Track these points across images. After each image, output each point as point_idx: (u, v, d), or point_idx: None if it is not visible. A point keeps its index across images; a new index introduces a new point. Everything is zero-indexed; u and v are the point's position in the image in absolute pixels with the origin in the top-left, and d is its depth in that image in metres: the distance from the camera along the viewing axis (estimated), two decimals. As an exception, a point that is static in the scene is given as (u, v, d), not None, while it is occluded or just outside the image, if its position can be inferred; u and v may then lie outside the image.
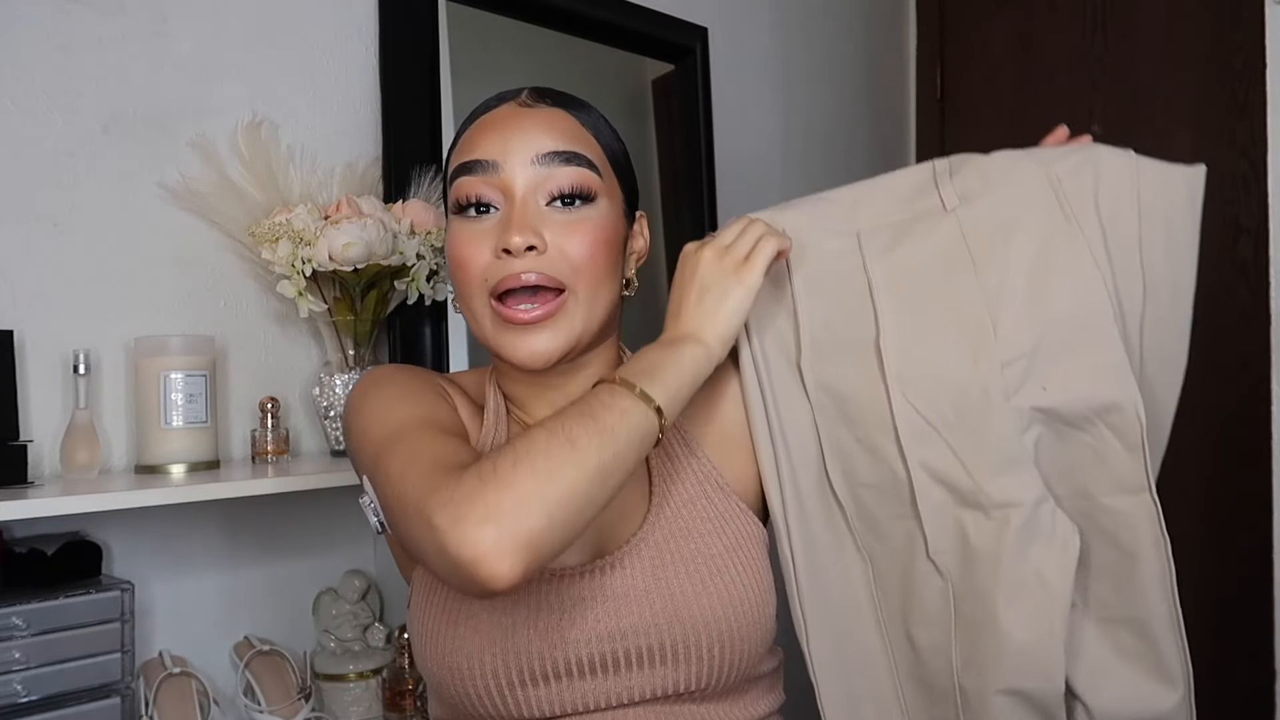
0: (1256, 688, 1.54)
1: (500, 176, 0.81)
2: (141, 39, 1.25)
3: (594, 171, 0.83)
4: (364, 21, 1.44)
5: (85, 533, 1.17)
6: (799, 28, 2.15)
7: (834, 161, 2.23)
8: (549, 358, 0.82)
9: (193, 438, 1.17)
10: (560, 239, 0.81)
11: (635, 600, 0.81)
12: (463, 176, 0.83)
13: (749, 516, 0.88)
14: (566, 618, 0.80)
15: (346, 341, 1.30)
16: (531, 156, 0.81)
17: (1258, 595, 1.52)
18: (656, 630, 0.80)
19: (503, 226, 0.81)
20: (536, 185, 0.82)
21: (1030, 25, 2.17)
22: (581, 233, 0.82)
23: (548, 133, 0.83)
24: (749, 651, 0.83)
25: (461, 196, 0.83)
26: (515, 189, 0.81)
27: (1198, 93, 1.90)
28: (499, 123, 0.84)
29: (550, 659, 0.79)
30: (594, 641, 0.80)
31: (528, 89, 0.87)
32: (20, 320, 1.14)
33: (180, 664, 1.18)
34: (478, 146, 0.83)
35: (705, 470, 0.89)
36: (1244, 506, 1.76)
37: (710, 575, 0.82)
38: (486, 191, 0.82)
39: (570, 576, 0.82)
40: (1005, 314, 0.83)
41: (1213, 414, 1.85)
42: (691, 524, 0.85)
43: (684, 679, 0.81)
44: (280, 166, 1.30)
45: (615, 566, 0.82)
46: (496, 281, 0.80)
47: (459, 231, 0.83)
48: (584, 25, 1.66)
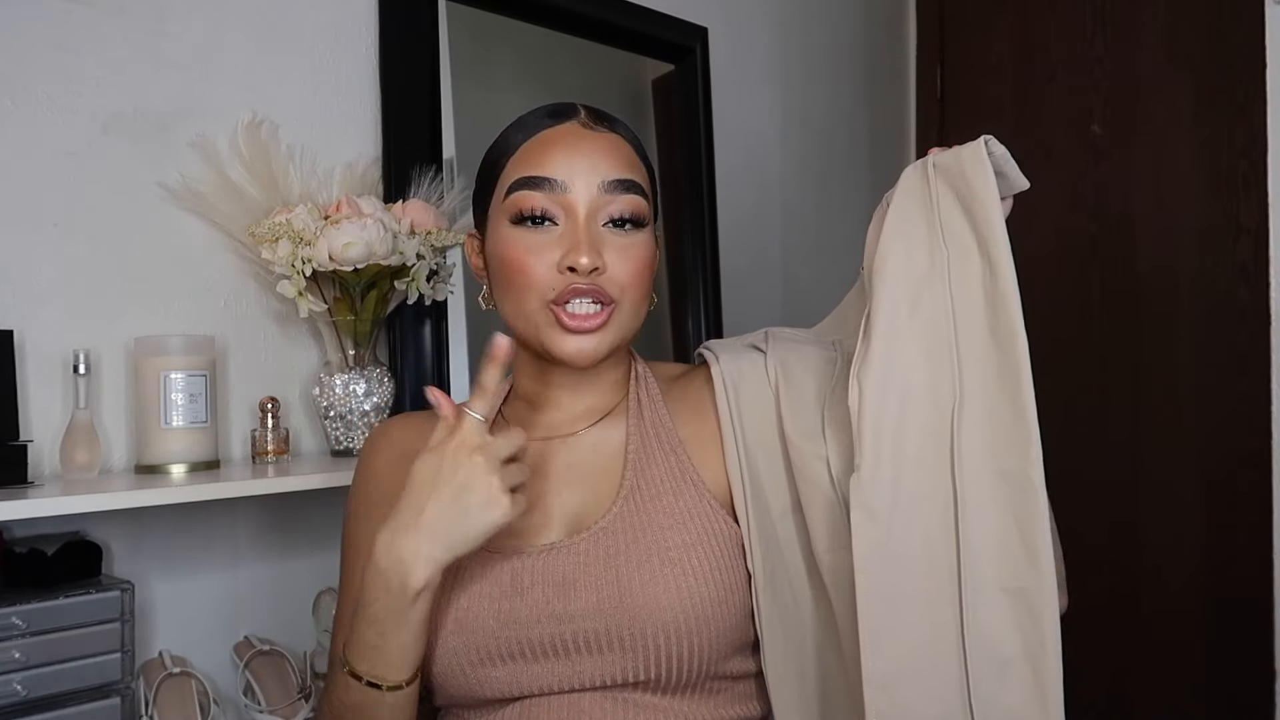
0: (1256, 688, 1.54)
1: (567, 196, 0.87)
2: (141, 39, 1.25)
3: (646, 199, 0.90)
4: (364, 21, 1.44)
5: (85, 533, 1.17)
6: (799, 28, 2.15)
7: (834, 162, 2.23)
8: (595, 357, 0.88)
9: (193, 438, 1.17)
10: (614, 258, 0.87)
11: (584, 586, 0.84)
12: (528, 190, 0.88)
13: (720, 515, 0.89)
14: (520, 599, 0.85)
15: (346, 341, 1.30)
16: (598, 182, 0.88)
17: (1258, 595, 1.52)
18: (602, 616, 0.83)
19: (568, 244, 0.86)
20: (598, 208, 0.88)
21: (1030, 25, 2.17)
22: (632, 256, 0.88)
23: (610, 159, 0.89)
24: (708, 645, 0.84)
25: (526, 208, 0.87)
26: (579, 209, 0.87)
27: (1198, 93, 1.91)
28: (565, 144, 0.89)
29: (505, 639, 0.84)
30: (544, 622, 0.84)
31: (584, 109, 0.92)
32: (20, 320, 1.14)
33: (180, 664, 1.18)
34: (545, 164, 0.88)
35: (682, 466, 0.91)
36: (1244, 506, 1.76)
37: (661, 566, 0.85)
38: (551, 207, 0.87)
39: (526, 556, 0.87)
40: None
41: (1213, 414, 1.86)
42: (654, 516, 0.88)
43: (633, 668, 0.83)
44: (280, 166, 1.30)
45: (571, 551, 0.87)
46: (561, 291, 0.86)
47: (519, 239, 0.88)
48: (584, 25, 1.66)
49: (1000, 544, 0.77)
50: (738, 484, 0.90)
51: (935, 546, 0.78)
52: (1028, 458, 0.77)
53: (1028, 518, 0.76)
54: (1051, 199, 2.09)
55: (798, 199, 2.13)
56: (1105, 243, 2.03)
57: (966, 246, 0.83)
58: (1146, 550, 1.93)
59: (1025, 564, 0.76)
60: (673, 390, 0.98)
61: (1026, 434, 0.77)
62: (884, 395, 0.82)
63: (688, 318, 1.81)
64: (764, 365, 0.94)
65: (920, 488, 0.80)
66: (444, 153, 1.46)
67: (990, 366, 0.80)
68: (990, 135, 0.83)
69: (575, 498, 0.91)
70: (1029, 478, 0.77)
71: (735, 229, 1.93)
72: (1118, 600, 1.96)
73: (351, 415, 1.29)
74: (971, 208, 0.83)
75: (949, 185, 0.85)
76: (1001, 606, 0.76)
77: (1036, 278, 2.08)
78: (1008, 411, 0.78)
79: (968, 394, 0.80)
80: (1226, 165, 1.86)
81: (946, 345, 0.82)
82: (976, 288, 0.82)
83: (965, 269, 0.83)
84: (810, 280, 2.13)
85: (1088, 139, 2.06)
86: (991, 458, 0.79)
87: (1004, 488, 0.78)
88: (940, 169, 0.86)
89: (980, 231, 0.82)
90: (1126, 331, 1.99)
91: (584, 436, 0.94)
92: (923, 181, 0.87)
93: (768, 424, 0.92)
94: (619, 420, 0.95)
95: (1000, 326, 0.80)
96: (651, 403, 0.95)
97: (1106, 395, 2.00)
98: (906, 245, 0.85)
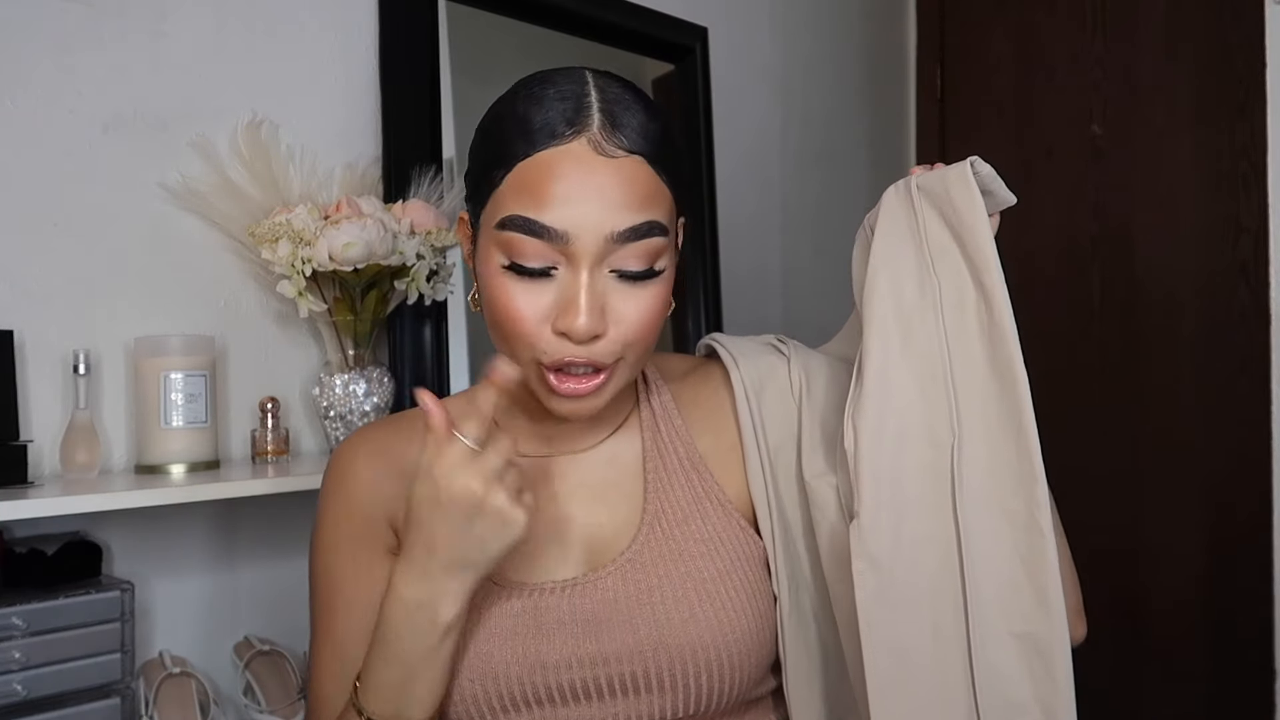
0: (1257, 688, 1.54)
1: (569, 248, 0.73)
2: (141, 39, 1.25)
3: (665, 235, 0.77)
4: (364, 21, 1.44)
5: (85, 533, 1.17)
6: (799, 28, 2.15)
7: (834, 162, 2.23)
8: (591, 414, 0.79)
9: (193, 438, 1.17)
10: (621, 305, 0.76)
11: (618, 625, 0.78)
12: (521, 234, 0.73)
13: (748, 534, 0.85)
14: (546, 641, 0.78)
15: (346, 341, 1.30)
16: (607, 233, 0.73)
17: (1258, 595, 1.52)
18: (641, 657, 0.78)
19: (564, 303, 0.74)
20: (605, 255, 0.74)
21: (1030, 25, 2.17)
22: (642, 307, 0.76)
23: (624, 196, 0.74)
24: (745, 676, 0.80)
25: (518, 253, 0.74)
26: (582, 262, 0.74)
27: (1198, 93, 1.91)
28: (570, 178, 0.73)
29: (530, 684, 0.78)
30: (574, 667, 0.78)
31: (598, 111, 0.75)
32: (20, 320, 1.14)
33: (180, 664, 1.18)
34: (545, 205, 0.73)
35: (706, 485, 0.86)
36: (1244, 506, 1.76)
37: (701, 600, 0.79)
38: (550, 255, 0.74)
39: (550, 593, 0.80)
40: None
41: (1213, 414, 1.86)
42: (684, 544, 0.82)
43: (671, 706, 0.79)
44: (280, 166, 1.30)
45: (598, 587, 0.80)
46: (554, 359, 0.75)
47: (509, 285, 0.75)
48: (584, 25, 1.66)
49: (1008, 587, 0.74)
50: (761, 498, 0.85)
51: (940, 590, 0.75)
52: (1033, 499, 0.74)
53: (1035, 560, 0.73)
54: (1052, 199, 2.09)
55: (798, 199, 2.13)
56: (1105, 243, 2.03)
57: (958, 275, 0.79)
58: (1147, 548, 1.93)
59: (1034, 607, 0.73)
60: (684, 394, 0.91)
61: (1031, 473, 0.74)
62: (879, 437, 0.78)
63: (688, 318, 1.81)
64: (787, 371, 0.89)
65: (922, 530, 0.76)
66: (444, 153, 1.46)
67: (990, 402, 0.77)
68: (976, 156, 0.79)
69: (592, 521, 0.84)
70: (1034, 519, 0.74)
71: (735, 229, 1.93)
72: (1118, 598, 1.96)
73: (351, 415, 1.29)
74: (960, 234, 0.79)
75: (935, 209, 0.81)
76: (1011, 651, 0.74)
77: (1036, 278, 2.11)
78: (1010, 449, 0.75)
79: (966, 431, 0.77)
80: (1226, 165, 1.86)
81: (942, 380, 0.78)
82: (971, 319, 0.78)
83: (958, 299, 0.79)
84: (810, 280, 2.13)
85: (1088, 139, 2.06)
86: (995, 498, 0.75)
87: (1008, 529, 0.75)
88: (924, 191, 0.81)
89: (971, 259, 0.79)
90: (1126, 331, 1.99)
91: (595, 453, 0.87)
92: (907, 205, 0.82)
93: (789, 433, 0.87)
94: (631, 433, 0.88)
95: (999, 359, 0.77)
96: (666, 413, 0.89)
97: (1106, 395, 2.00)
98: (894, 275, 0.81)
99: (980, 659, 0.74)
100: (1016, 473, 0.75)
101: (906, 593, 0.75)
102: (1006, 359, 0.76)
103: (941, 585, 0.75)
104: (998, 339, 0.77)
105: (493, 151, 0.77)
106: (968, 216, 0.78)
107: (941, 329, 0.79)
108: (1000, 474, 0.75)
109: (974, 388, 0.77)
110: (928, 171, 0.82)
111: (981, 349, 0.78)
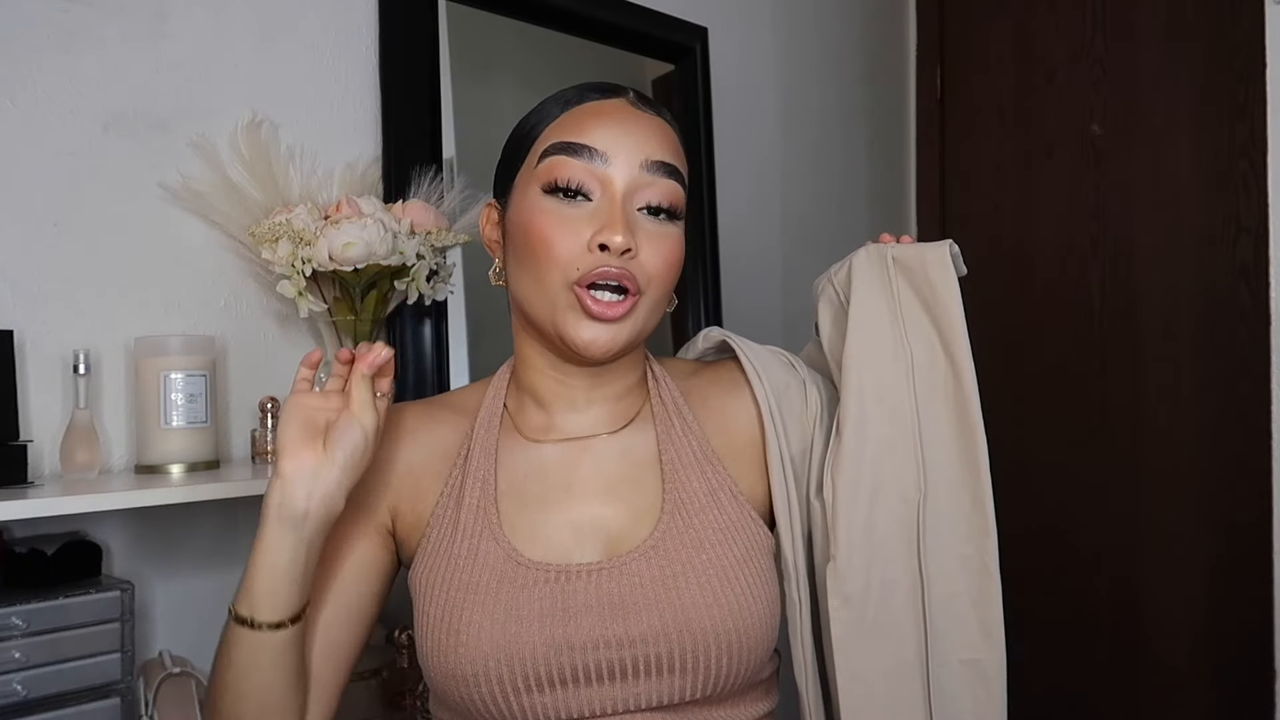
0: (1256, 688, 1.54)
1: (606, 170, 0.82)
2: (141, 39, 1.25)
3: (685, 189, 0.86)
4: (364, 21, 1.44)
5: (85, 533, 1.18)
6: (799, 28, 2.15)
7: (834, 161, 2.23)
8: (609, 349, 0.83)
9: (193, 438, 1.17)
10: (646, 246, 0.83)
11: (645, 609, 0.81)
12: (564, 156, 0.82)
13: (759, 525, 0.89)
14: (573, 623, 0.81)
15: (346, 341, 1.30)
16: (641, 160, 0.83)
17: (1258, 595, 1.52)
18: (666, 640, 0.81)
19: (602, 221, 0.81)
20: (637, 189, 0.83)
21: (1030, 25, 2.17)
22: (664, 247, 0.84)
23: (656, 140, 0.84)
24: (755, 660, 0.84)
25: (561, 177, 0.82)
26: (617, 186, 0.82)
27: (1198, 93, 1.91)
28: (611, 116, 0.84)
29: (556, 664, 0.80)
30: (600, 649, 0.80)
31: (632, 90, 0.88)
32: (20, 320, 1.14)
33: (180, 664, 1.18)
34: (587, 132, 0.83)
35: (719, 478, 0.89)
36: (1244, 507, 1.76)
37: (722, 586, 0.83)
38: (588, 180, 0.82)
39: (576, 577, 0.83)
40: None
41: (1212, 415, 1.86)
42: (704, 533, 0.85)
43: (690, 687, 0.82)
44: (280, 166, 1.30)
45: (623, 571, 0.83)
46: (588, 272, 0.81)
47: (547, 210, 0.82)
48: (584, 25, 1.66)
49: (959, 621, 0.87)
50: (781, 496, 0.89)
51: (904, 626, 0.87)
52: (984, 547, 0.87)
53: (983, 599, 0.87)
54: (1051, 199, 2.09)
55: (798, 199, 2.13)
56: (1105, 243, 2.03)
57: (929, 345, 0.89)
58: (1146, 548, 1.93)
59: (980, 638, 0.87)
60: (694, 393, 0.94)
61: (984, 524, 0.87)
62: (855, 490, 0.87)
63: (688, 317, 1.81)
64: (803, 391, 0.94)
65: (890, 574, 0.87)
66: (444, 153, 1.46)
67: (953, 462, 0.88)
68: (950, 239, 0.89)
69: (608, 511, 0.87)
70: (985, 564, 0.87)
71: (735, 228, 1.93)
72: (1117, 597, 1.97)
73: (351, 415, 1.29)
74: (934, 309, 0.89)
75: (909, 283, 0.90)
76: (959, 676, 0.87)
77: (1036, 278, 2.11)
78: (968, 503, 0.87)
79: (931, 488, 0.87)
80: (1226, 165, 1.86)
81: (911, 441, 0.88)
82: (939, 386, 0.89)
83: (928, 367, 0.89)
84: (810, 280, 2.12)
85: (1088, 139, 2.06)
86: (952, 545, 0.87)
87: (962, 572, 0.87)
88: (901, 265, 0.90)
89: (944, 335, 0.89)
90: (1126, 331, 1.99)
91: (609, 443, 0.90)
92: (882, 276, 0.91)
93: (803, 448, 0.93)
94: (645, 427, 0.91)
95: (964, 424, 0.88)
96: (678, 408, 0.92)
97: (1106, 395, 2.00)
98: (872, 341, 0.90)
99: (935, 685, 0.86)
100: (971, 522, 0.87)
101: (875, 628, 0.86)
102: (970, 425, 0.87)
103: (905, 622, 0.87)
104: (962, 406, 0.88)
105: (535, 117, 0.87)
106: (944, 295, 0.89)
107: (912, 393, 0.89)
108: (958, 525, 0.87)
109: (939, 448, 0.88)
110: (901, 245, 0.92)
111: (948, 414, 0.88)
